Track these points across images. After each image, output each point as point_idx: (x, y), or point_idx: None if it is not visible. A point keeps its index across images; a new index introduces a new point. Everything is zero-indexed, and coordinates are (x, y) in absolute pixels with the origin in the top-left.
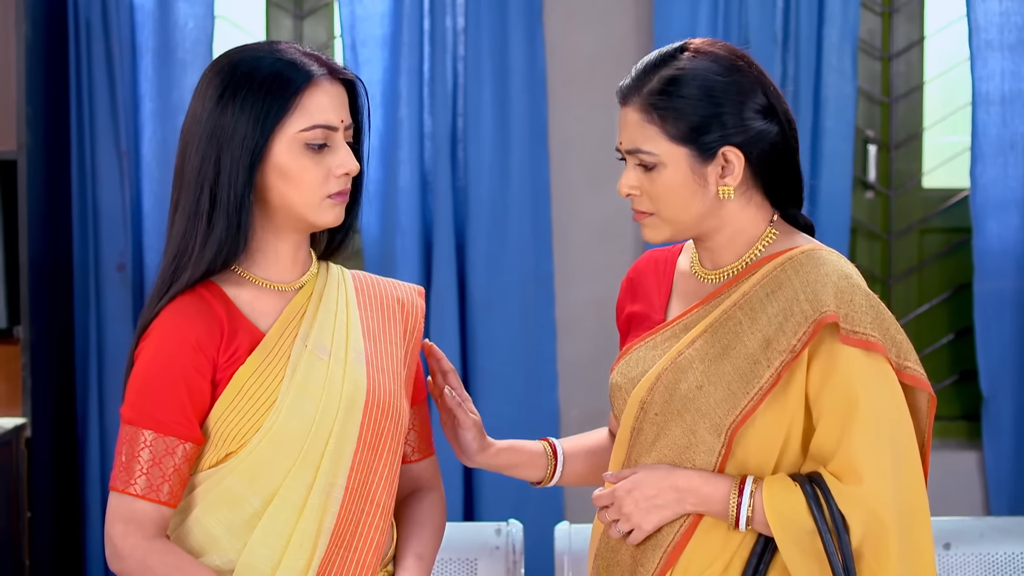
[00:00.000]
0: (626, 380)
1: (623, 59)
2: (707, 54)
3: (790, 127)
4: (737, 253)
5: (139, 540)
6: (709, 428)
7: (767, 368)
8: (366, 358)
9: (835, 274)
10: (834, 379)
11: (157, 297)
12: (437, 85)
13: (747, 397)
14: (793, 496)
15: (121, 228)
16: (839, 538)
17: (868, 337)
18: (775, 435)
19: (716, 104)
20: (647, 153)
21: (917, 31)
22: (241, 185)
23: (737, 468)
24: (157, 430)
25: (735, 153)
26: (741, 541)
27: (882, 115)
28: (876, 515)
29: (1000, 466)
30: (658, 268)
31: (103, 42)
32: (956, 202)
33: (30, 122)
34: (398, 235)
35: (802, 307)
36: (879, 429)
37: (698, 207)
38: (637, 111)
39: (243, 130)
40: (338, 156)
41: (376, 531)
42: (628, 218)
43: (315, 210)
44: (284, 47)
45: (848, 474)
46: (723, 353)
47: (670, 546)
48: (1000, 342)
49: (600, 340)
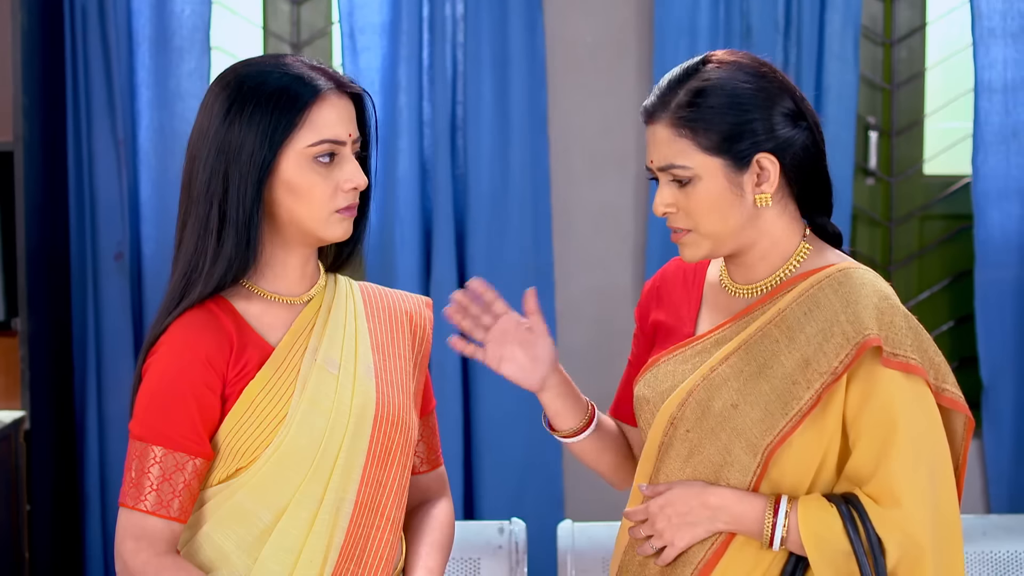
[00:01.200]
0: (654, 394)
1: (623, 47)
2: (731, 64)
3: (817, 131)
4: (771, 268)
5: (150, 557)
6: (745, 448)
7: (807, 390)
8: (375, 371)
9: (875, 295)
10: (873, 402)
11: (166, 312)
12: (436, 73)
13: (785, 418)
14: (829, 517)
15: (119, 217)
16: (875, 561)
17: (909, 360)
18: (812, 456)
19: (745, 111)
20: (681, 167)
21: (919, 17)
22: (250, 201)
23: (772, 487)
24: (167, 446)
25: (770, 159)
26: (772, 560)
27: (883, 101)
28: (913, 539)
29: (1000, 453)
30: (687, 278)
31: (99, 30)
32: (957, 189)
33: (27, 112)
34: (397, 224)
35: (843, 328)
36: (918, 453)
37: (736, 218)
38: (667, 127)
39: (251, 146)
40: (346, 170)
41: (386, 545)
42: (628, 206)
43: (323, 225)
44: (291, 61)
45: (886, 497)
46: (759, 372)
47: (701, 563)
48: (1001, 330)
49: (600, 328)
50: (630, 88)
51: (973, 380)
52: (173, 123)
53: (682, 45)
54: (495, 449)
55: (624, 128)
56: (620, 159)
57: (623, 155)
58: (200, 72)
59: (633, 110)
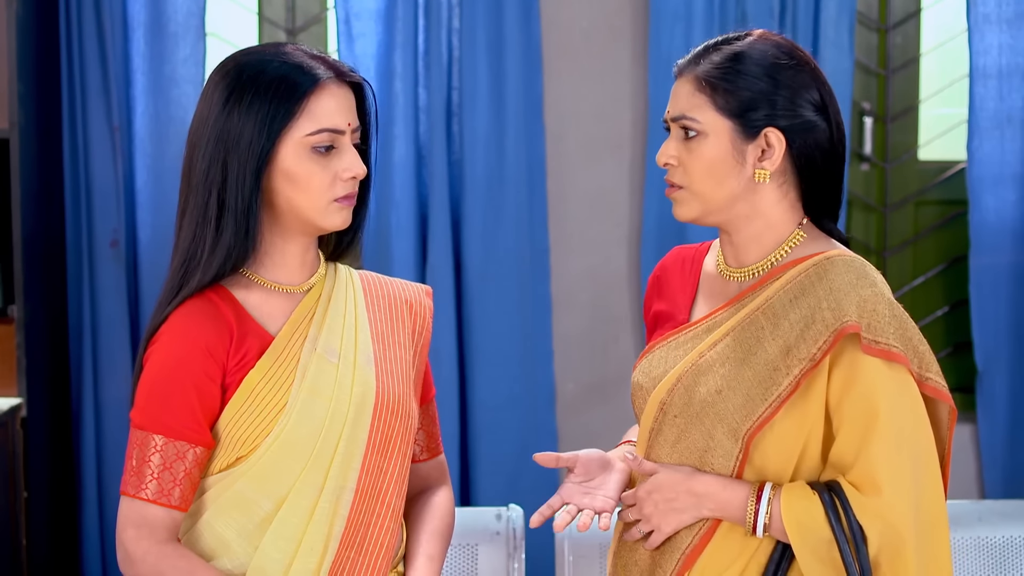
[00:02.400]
0: (648, 380)
1: (618, 32)
2: (772, 41)
3: (839, 133)
4: (763, 251)
5: (151, 545)
6: (726, 433)
7: (786, 376)
8: (375, 360)
9: (859, 283)
10: (855, 389)
11: (166, 301)
12: (432, 58)
13: (765, 404)
14: (811, 504)
15: (114, 204)
16: (856, 548)
17: (890, 348)
18: (793, 442)
19: (772, 83)
20: (692, 120)
21: (914, 3)
22: (248, 190)
23: (755, 473)
24: (167, 435)
25: (777, 136)
26: (759, 547)
27: (878, 87)
28: (894, 527)
29: (994, 438)
30: (684, 267)
31: (94, 16)
32: (952, 175)
33: (22, 99)
34: (393, 209)
35: (823, 315)
36: (899, 441)
37: (731, 186)
38: (691, 82)
39: (249, 134)
40: (345, 160)
41: (386, 533)
42: (624, 191)
43: (322, 214)
44: (291, 50)
45: (867, 485)
46: (744, 358)
47: (688, 548)
48: (995, 315)
49: (595, 314)
50: (625, 73)
51: (968, 365)
52: (169, 109)
53: (677, 31)
54: (491, 435)
55: (619, 113)
56: (616, 144)
57: (619, 140)
58: (195, 58)
59: (628, 95)
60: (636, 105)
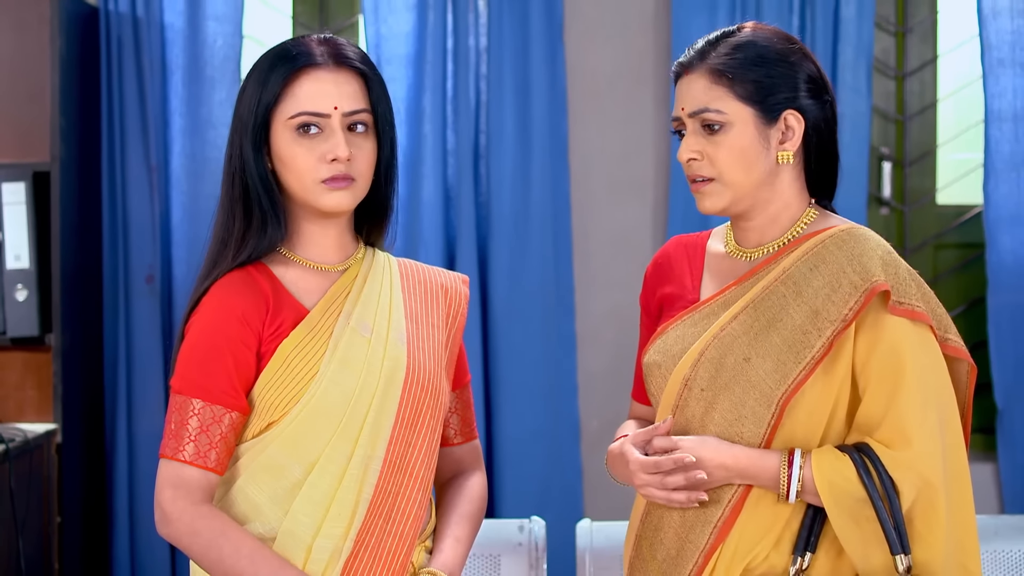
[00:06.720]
0: (665, 358)
1: (642, 76)
2: (769, 29)
3: (833, 108)
4: (779, 231)
5: (187, 505)
6: (759, 399)
7: (818, 337)
8: (407, 337)
9: (879, 248)
10: (881, 348)
11: (204, 276)
12: (460, 102)
13: (799, 367)
14: (843, 465)
15: (150, 240)
16: (890, 503)
17: (914, 307)
18: (823, 406)
19: (785, 67)
20: (716, 112)
21: (930, 50)
22: (254, 170)
23: (785, 440)
24: (205, 399)
25: (796, 117)
26: (791, 514)
27: (896, 132)
28: (926, 478)
29: (1015, 479)
30: (688, 251)
31: (134, 59)
32: (970, 218)
33: (63, 134)
34: (422, 247)
35: (850, 278)
36: (926, 395)
37: (759, 172)
38: (704, 75)
39: (246, 117)
40: (329, 142)
41: (414, 504)
42: (647, 230)
43: (312, 195)
44: (306, 37)
45: (897, 439)
46: (769, 326)
47: (720, 521)
48: (1014, 355)
49: (619, 351)
50: (648, 117)
51: (988, 405)
52: (204, 150)
53: None
54: (516, 449)
55: (642, 155)
56: (639, 185)
57: (642, 181)
58: (231, 101)
59: (651, 138)
60: (659, 148)
